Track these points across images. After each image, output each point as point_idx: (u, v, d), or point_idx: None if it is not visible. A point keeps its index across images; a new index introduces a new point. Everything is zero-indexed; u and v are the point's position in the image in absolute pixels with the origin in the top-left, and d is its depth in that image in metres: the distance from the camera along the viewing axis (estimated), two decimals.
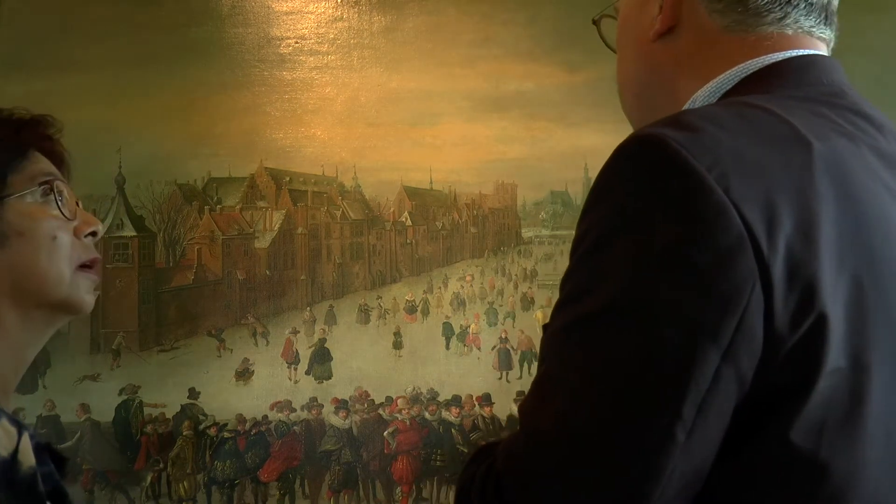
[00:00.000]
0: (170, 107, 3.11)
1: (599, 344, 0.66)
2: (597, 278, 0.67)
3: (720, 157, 0.65)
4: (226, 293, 3.21)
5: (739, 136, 0.68)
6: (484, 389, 3.12)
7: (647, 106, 0.92)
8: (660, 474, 0.63)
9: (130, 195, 3.16)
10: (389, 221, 3.34)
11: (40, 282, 0.94)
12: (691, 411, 0.63)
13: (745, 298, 0.63)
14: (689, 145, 0.66)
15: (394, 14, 3.17)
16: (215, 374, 3.12)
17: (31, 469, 0.87)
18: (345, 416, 3.09)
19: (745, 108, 0.73)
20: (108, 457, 3.05)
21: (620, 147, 0.71)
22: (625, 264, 0.66)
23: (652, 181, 0.66)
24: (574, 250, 0.71)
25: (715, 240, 0.63)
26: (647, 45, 0.89)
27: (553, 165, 3.23)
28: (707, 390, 0.63)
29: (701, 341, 0.63)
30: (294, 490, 3.07)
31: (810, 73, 0.80)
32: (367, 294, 3.29)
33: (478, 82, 3.16)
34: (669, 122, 0.70)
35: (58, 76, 3.03)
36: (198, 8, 3.14)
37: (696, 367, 0.63)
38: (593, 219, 0.70)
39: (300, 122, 3.16)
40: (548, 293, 3.26)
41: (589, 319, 0.67)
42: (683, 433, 0.63)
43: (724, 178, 0.64)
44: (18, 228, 0.93)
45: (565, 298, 0.71)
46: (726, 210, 0.63)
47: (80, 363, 3.08)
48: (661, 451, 0.63)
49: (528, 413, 0.70)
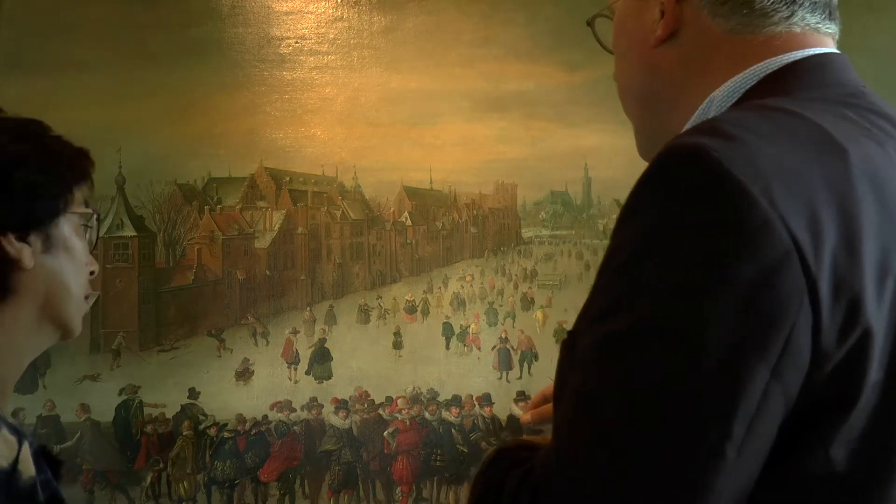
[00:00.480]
0: (170, 107, 3.11)
1: (644, 361, 0.63)
2: (635, 293, 0.65)
3: (761, 167, 0.63)
4: (226, 293, 3.21)
5: (777, 145, 0.66)
6: (484, 389, 3.12)
7: (650, 109, 0.90)
8: (710, 493, 0.62)
9: (130, 195, 3.15)
10: (389, 221, 3.34)
11: (67, 297, 1.00)
12: (741, 429, 0.61)
13: (793, 314, 0.61)
14: (729, 155, 0.63)
15: (394, 14, 3.17)
16: (215, 374, 3.12)
17: (32, 479, 0.88)
18: (345, 416, 3.09)
19: (775, 114, 0.71)
20: (108, 457, 3.05)
21: (657, 157, 0.67)
22: (665, 280, 0.63)
23: (693, 193, 0.64)
24: (607, 263, 0.69)
25: (762, 255, 0.61)
26: (648, 49, 0.87)
27: (553, 165, 3.23)
28: (757, 408, 0.62)
29: (749, 358, 0.61)
30: (294, 490, 3.07)
31: (827, 73, 0.78)
32: (367, 294, 3.30)
33: (478, 82, 3.16)
34: (705, 130, 0.68)
35: (58, 76, 3.03)
36: (198, 8, 3.14)
37: (745, 384, 0.61)
38: (629, 231, 0.67)
39: (300, 122, 3.16)
40: (548, 293, 3.26)
41: (631, 335, 0.64)
42: (734, 451, 0.62)
43: (768, 190, 0.62)
44: (67, 244, 0.99)
45: (600, 313, 0.68)
46: (772, 224, 0.61)
47: (80, 363, 3.08)
48: (712, 470, 0.61)
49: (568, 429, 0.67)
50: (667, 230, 0.64)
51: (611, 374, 0.65)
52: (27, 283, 0.95)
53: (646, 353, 0.63)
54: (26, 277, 0.94)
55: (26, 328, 0.97)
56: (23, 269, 0.94)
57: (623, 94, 0.95)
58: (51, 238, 0.97)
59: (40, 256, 0.95)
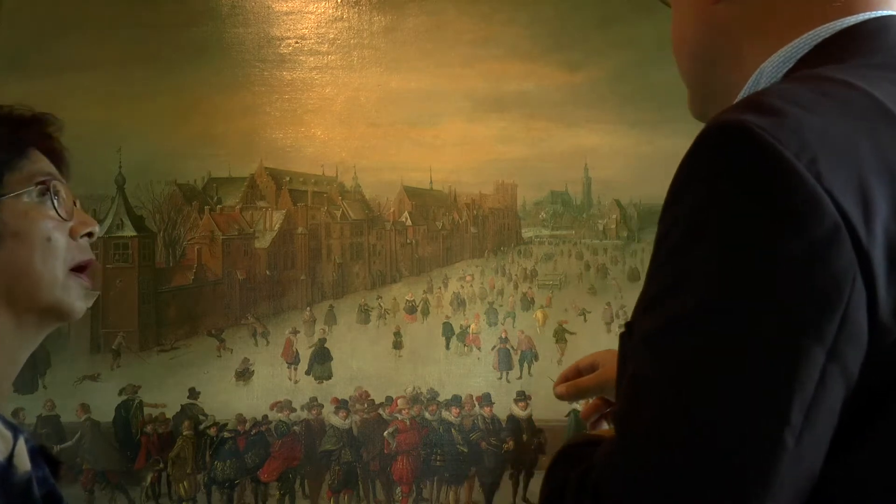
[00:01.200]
0: (170, 107, 3.11)
1: (698, 347, 0.62)
2: (685, 278, 0.64)
3: (808, 141, 0.62)
4: (226, 293, 3.21)
5: (824, 116, 0.64)
6: (484, 389, 3.12)
7: (705, 69, 0.87)
8: (770, 482, 0.60)
9: (130, 195, 3.15)
10: (389, 221, 3.34)
11: (34, 284, 0.93)
12: (799, 416, 0.60)
13: (846, 292, 0.59)
14: (774, 131, 0.62)
15: (394, 14, 3.17)
16: (215, 374, 3.12)
17: (27, 474, 0.86)
18: (345, 416, 3.09)
19: (825, 84, 0.69)
20: (108, 457, 3.05)
21: (700, 137, 0.66)
22: (715, 263, 0.62)
23: (738, 173, 0.62)
24: (657, 249, 0.68)
25: (809, 232, 0.59)
26: (707, 6, 0.84)
27: (553, 165, 3.23)
28: (814, 392, 0.60)
29: (804, 341, 0.59)
30: (294, 490, 3.07)
31: (886, 38, 0.75)
32: (367, 294, 3.30)
33: (478, 82, 3.16)
34: (749, 105, 0.66)
35: (58, 76, 3.02)
36: (198, 8, 3.14)
37: (801, 368, 0.60)
38: (675, 214, 0.66)
39: (300, 122, 3.16)
40: (548, 293, 3.26)
41: (681, 322, 0.63)
42: (793, 438, 0.60)
43: (814, 164, 0.60)
44: (14, 229, 0.92)
45: (652, 300, 0.67)
46: (819, 199, 0.60)
47: (80, 363, 3.08)
48: (771, 459, 0.60)
49: (625, 420, 0.66)
50: (713, 212, 0.63)
51: (665, 361, 0.64)
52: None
53: (699, 339, 0.62)
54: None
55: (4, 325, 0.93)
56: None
57: (677, 51, 0.91)
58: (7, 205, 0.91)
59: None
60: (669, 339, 0.64)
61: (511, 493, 3.09)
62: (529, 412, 3.09)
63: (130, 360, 3.13)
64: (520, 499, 3.09)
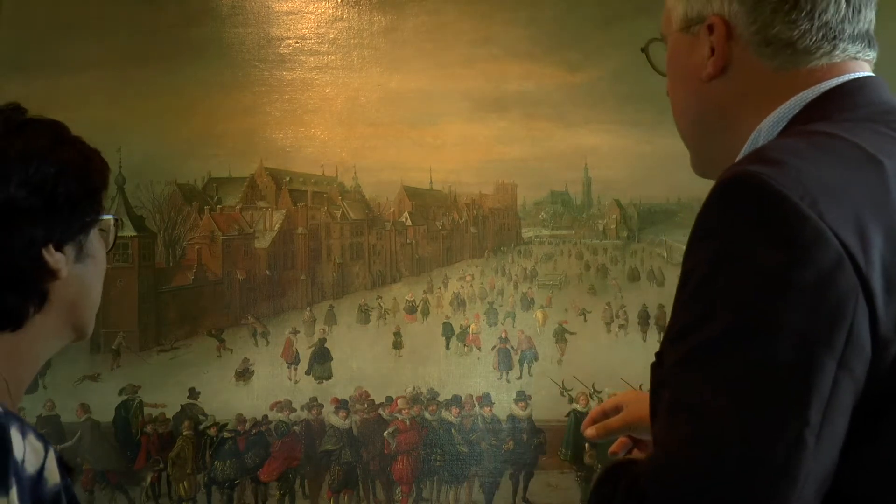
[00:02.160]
0: (170, 107, 3.11)
1: (723, 366, 0.71)
2: (714, 306, 0.73)
3: (808, 186, 0.72)
4: (226, 293, 3.21)
5: (819, 165, 0.75)
6: (484, 389, 3.12)
7: (704, 135, 0.98)
8: (796, 479, 0.69)
9: (130, 195, 3.16)
10: (389, 221, 3.34)
11: (90, 304, 1.03)
12: (818, 416, 0.70)
13: (850, 309, 0.70)
14: (779, 178, 0.73)
15: (394, 14, 3.17)
16: (215, 374, 3.12)
17: (56, 486, 0.89)
18: (345, 416, 3.09)
19: (815, 137, 0.80)
20: (108, 457, 3.05)
21: (718, 187, 0.76)
22: (738, 291, 0.72)
23: (752, 214, 0.73)
24: (683, 285, 0.77)
25: (817, 261, 0.70)
26: (700, 83, 0.94)
27: (553, 165, 3.23)
28: (829, 397, 0.70)
29: (817, 352, 0.69)
30: (294, 490, 3.07)
31: (863, 95, 0.87)
32: (367, 294, 3.30)
33: (478, 82, 3.16)
34: (756, 159, 0.77)
35: (58, 76, 3.03)
36: (198, 8, 3.14)
37: (816, 375, 0.69)
38: (700, 255, 0.76)
39: (300, 122, 3.16)
40: (548, 293, 3.26)
41: (711, 345, 0.72)
42: (813, 438, 0.69)
43: (816, 204, 0.71)
44: (93, 251, 1.01)
45: (682, 329, 0.76)
46: (824, 233, 0.70)
47: (80, 363, 3.08)
48: (795, 458, 0.69)
49: (666, 439, 0.75)
50: (734, 248, 0.73)
51: (698, 383, 0.73)
52: (59, 292, 0.97)
53: (730, 359, 0.71)
54: (59, 287, 0.96)
55: (50, 333, 0.99)
56: (58, 279, 0.95)
57: (678, 116, 1.02)
58: (83, 248, 0.99)
59: (73, 266, 0.97)
60: (704, 361, 0.73)
61: (511, 493, 3.09)
62: (529, 412, 3.09)
63: (130, 360, 3.13)
64: (520, 499, 3.09)
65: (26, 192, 0.92)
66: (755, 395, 0.70)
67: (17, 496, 0.83)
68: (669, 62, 1.01)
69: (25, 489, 0.85)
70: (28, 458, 0.86)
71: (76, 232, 0.97)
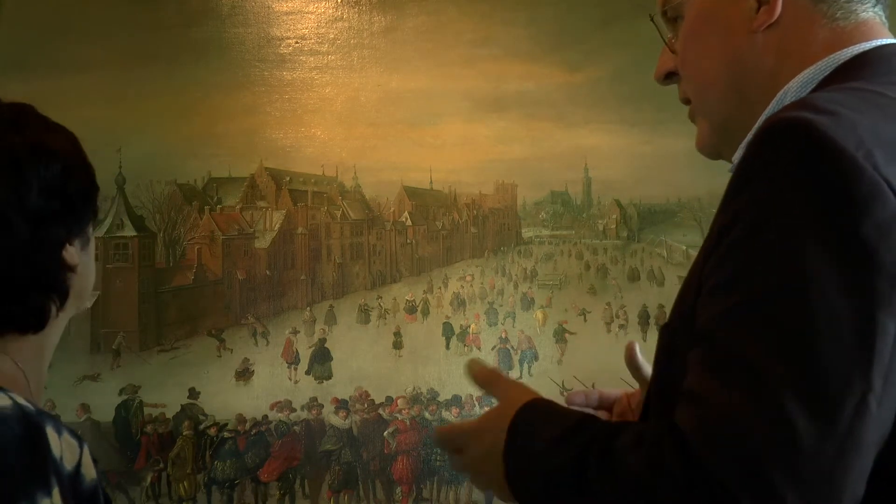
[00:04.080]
0: (170, 107, 3.11)
1: (780, 324, 0.67)
2: (765, 259, 0.68)
3: (862, 137, 0.68)
4: (226, 293, 3.21)
5: (871, 117, 0.71)
6: None
7: (739, 99, 0.90)
8: (861, 445, 0.65)
9: (130, 195, 3.16)
10: (389, 221, 3.34)
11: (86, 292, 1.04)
12: (880, 381, 0.65)
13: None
14: (832, 127, 0.68)
15: (394, 14, 3.17)
16: (215, 374, 3.12)
17: (93, 482, 0.90)
18: (345, 416, 3.09)
19: (860, 92, 0.76)
20: (108, 457, 3.05)
21: (764, 132, 0.72)
22: (791, 244, 0.67)
23: (804, 163, 0.68)
24: (724, 233, 0.72)
25: (876, 215, 0.66)
26: (743, 37, 0.88)
27: (553, 165, 3.23)
28: (889, 360, 0.66)
29: (878, 312, 0.65)
30: (294, 490, 3.07)
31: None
32: (367, 294, 3.30)
33: (478, 82, 3.16)
34: (804, 106, 0.72)
35: (58, 76, 3.02)
36: (198, 8, 3.14)
37: (877, 337, 0.65)
38: (743, 201, 0.71)
39: (300, 122, 3.16)
40: (548, 293, 3.26)
41: (765, 300, 0.68)
42: (876, 403, 0.65)
43: (871, 156, 0.67)
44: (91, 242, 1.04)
45: (729, 280, 0.71)
46: (880, 186, 0.66)
47: (80, 363, 3.08)
48: (859, 423, 0.65)
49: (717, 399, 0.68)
50: (783, 198, 0.68)
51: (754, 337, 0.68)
52: (74, 284, 0.99)
53: (785, 315, 0.67)
54: (73, 278, 0.98)
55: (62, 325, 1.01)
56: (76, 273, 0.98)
57: (705, 90, 0.94)
58: (87, 238, 1.01)
59: (80, 256, 0.99)
60: (758, 317, 0.68)
61: None
62: None
63: (130, 360, 3.13)
64: None
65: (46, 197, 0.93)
66: (815, 357, 0.65)
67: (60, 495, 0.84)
68: (696, 25, 0.92)
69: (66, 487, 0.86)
70: (65, 455, 0.88)
71: (86, 224, 0.99)
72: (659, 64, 0.98)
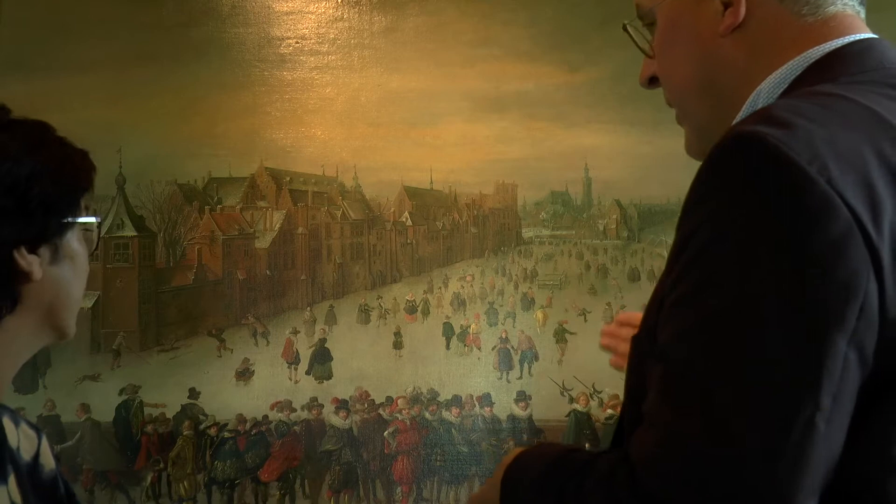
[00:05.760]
0: (170, 107, 3.11)
1: (731, 343, 0.66)
2: (714, 277, 0.68)
3: (817, 149, 0.67)
4: (226, 293, 3.21)
5: (828, 126, 0.69)
6: (484, 389, 3.12)
7: (714, 102, 0.90)
8: (808, 466, 0.65)
9: (131, 195, 3.16)
10: (389, 221, 3.34)
11: (69, 305, 1.00)
12: (829, 400, 0.64)
13: (863, 283, 0.64)
14: (786, 140, 0.67)
15: (394, 14, 3.17)
16: (215, 374, 3.12)
17: (52, 471, 0.91)
18: (345, 416, 3.09)
19: (824, 98, 0.74)
20: (108, 457, 3.05)
21: (719, 146, 0.71)
22: (742, 262, 0.66)
23: (757, 178, 0.67)
24: (680, 251, 0.72)
25: (827, 230, 0.64)
26: (712, 41, 0.87)
27: (553, 165, 3.23)
28: (839, 378, 0.65)
29: (828, 330, 0.64)
30: (294, 490, 3.07)
31: (871, 57, 0.81)
32: (367, 294, 3.30)
33: (478, 82, 3.16)
34: (760, 118, 0.71)
35: (58, 76, 3.03)
36: (198, 8, 3.14)
37: (827, 356, 0.64)
38: (698, 218, 0.70)
39: (300, 122, 3.16)
40: (548, 293, 3.26)
41: (715, 319, 0.67)
42: (824, 422, 0.64)
43: (825, 169, 0.65)
44: (71, 253, 0.99)
45: (681, 300, 0.70)
46: (832, 200, 0.65)
47: (80, 363, 3.08)
48: (807, 443, 0.64)
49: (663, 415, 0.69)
50: (735, 215, 0.67)
51: (703, 358, 0.67)
52: (33, 294, 0.95)
53: (734, 336, 0.66)
54: (33, 288, 0.95)
55: (27, 334, 0.98)
56: (31, 281, 0.94)
57: (681, 95, 0.94)
58: (59, 249, 0.97)
59: (48, 268, 0.96)
60: (705, 337, 0.68)
61: None
62: (529, 412, 3.09)
63: (131, 360, 3.13)
64: None
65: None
66: (763, 378, 0.65)
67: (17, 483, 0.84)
68: (666, 32, 0.92)
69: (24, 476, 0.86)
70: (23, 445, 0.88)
71: (52, 234, 0.96)
72: (642, 69, 0.98)
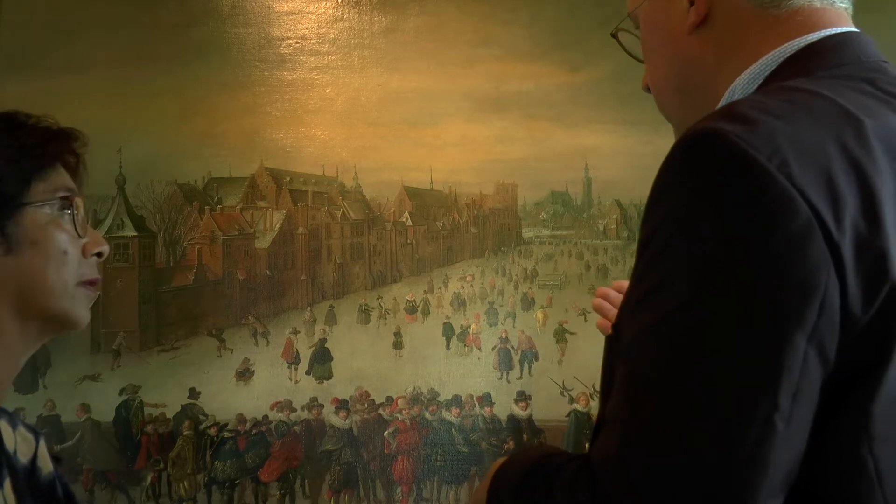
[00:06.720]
0: (170, 107, 3.11)
1: (688, 342, 0.65)
2: (673, 277, 0.67)
3: (778, 145, 0.66)
4: (226, 293, 3.21)
5: (793, 122, 0.69)
6: (484, 389, 3.12)
7: (690, 101, 0.90)
8: (766, 467, 0.64)
9: (131, 195, 3.16)
10: (390, 221, 3.34)
11: (45, 293, 0.94)
12: (787, 400, 0.64)
13: (823, 281, 0.63)
14: (746, 137, 0.66)
15: (394, 14, 3.17)
16: (215, 374, 3.12)
17: (50, 475, 0.90)
18: (345, 416, 3.09)
19: (792, 94, 0.74)
20: (108, 457, 3.05)
21: (679, 143, 0.71)
22: (700, 260, 0.66)
23: (715, 175, 0.66)
24: (641, 250, 0.71)
25: (785, 227, 0.63)
26: (682, 40, 0.88)
27: (553, 165, 3.23)
28: (799, 377, 0.64)
29: (787, 328, 0.63)
30: (294, 490, 3.07)
31: (847, 51, 0.80)
32: (367, 294, 3.29)
33: (478, 82, 3.16)
34: (723, 115, 0.71)
35: (58, 76, 3.03)
36: (198, 8, 3.14)
37: (786, 355, 0.63)
38: (657, 217, 0.70)
39: (300, 122, 3.16)
40: (548, 293, 3.26)
41: (672, 318, 0.67)
42: (783, 423, 0.64)
43: (785, 165, 0.65)
44: (33, 238, 0.94)
45: (641, 301, 0.70)
46: (791, 197, 0.64)
47: (80, 363, 3.08)
48: (765, 444, 0.63)
49: (623, 415, 0.69)
50: (693, 212, 0.67)
51: (659, 358, 0.67)
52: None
53: (690, 335, 0.65)
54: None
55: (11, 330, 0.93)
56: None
57: (659, 93, 0.94)
58: (9, 237, 0.92)
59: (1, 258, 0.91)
60: (662, 336, 0.67)
61: None
62: (530, 412, 3.09)
63: (131, 360, 3.13)
64: None
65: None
66: (720, 377, 0.64)
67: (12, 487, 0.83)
68: (645, 35, 0.94)
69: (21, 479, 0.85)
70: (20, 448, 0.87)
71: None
72: (644, 74, 0.99)
